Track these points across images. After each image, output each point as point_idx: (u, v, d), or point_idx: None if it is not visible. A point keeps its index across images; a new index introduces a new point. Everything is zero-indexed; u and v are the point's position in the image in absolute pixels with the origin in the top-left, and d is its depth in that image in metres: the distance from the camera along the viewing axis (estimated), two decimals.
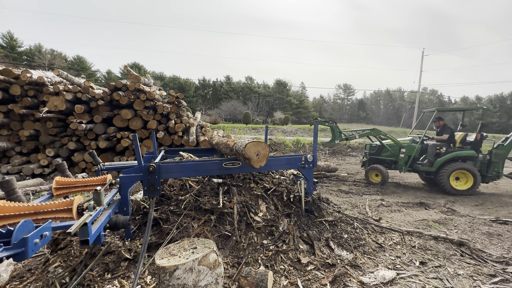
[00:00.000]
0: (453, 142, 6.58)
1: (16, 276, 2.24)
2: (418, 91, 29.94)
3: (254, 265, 2.36)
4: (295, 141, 14.01)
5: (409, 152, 6.81)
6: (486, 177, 6.24)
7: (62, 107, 6.11)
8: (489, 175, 6.20)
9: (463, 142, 6.52)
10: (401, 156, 6.86)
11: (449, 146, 6.57)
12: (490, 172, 6.20)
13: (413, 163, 6.87)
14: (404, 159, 6.82)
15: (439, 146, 6.60)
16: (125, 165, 3.09)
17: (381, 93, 76.44)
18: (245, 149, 2.26)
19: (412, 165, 6.86)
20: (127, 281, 2.06)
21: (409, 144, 6.89)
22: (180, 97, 7.21)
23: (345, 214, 3.61)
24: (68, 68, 37.95)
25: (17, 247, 1.12)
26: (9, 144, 6.21)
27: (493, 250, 3.14)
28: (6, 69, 6.05)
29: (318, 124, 3.21)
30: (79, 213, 1.59)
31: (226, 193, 2.92)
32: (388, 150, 7.02)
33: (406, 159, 6.82)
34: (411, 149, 6.80)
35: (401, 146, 6.90)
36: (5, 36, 35.86)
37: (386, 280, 2.33)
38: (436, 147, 6.59)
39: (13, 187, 2.74)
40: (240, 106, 44.23)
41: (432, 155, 6.52)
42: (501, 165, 6.18)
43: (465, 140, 6.53)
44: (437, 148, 6.58)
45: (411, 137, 7.20)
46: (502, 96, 64.85)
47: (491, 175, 6.21)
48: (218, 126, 21.16)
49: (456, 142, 6.56)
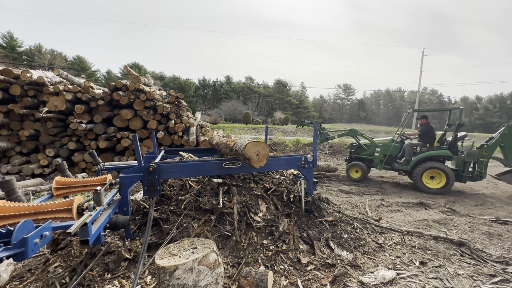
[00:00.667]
0: (430, 141, 6.68)
1: (16, 276, 2.24)
2: (418, 91, 29.94)
3: (254, 265, 2.36)
4: (295, 141, 14.01)
5: (384, 151, 7.11)
6: (462, 176, 6.25)
7: (62, 107, 6.11)
8: (465, 175, 6.21)
9: (440, 142, 6.62)
10: (375, 155, 7.21)
11: (424, 145, 6.69)
12: (466, 172, 6.20)
13: (391, 162, 7.11)
14: (379, 157, 7.16)
15: (416, 146, 6.76)
16: (125, 165, 3.09)
17: (381, 93, 76.46)
18: (245, 149, 2.26)
19: (390, 164, 7.11)
20: (127, 281, 2.06)
21: (386, 144, 7.18)
22: (180, 97, 7.21)
23: (345, 214, 3.61)
24: (68, 68, 37.94)
25: (17, 247, 1.12)
26: (9, 144, 6.21)
27: (493, 250, 3.14)
28: (6, 69, 6.05)
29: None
30: (79, 213, 1.59)
31: (226, 193, 2.92)
32: (366, 149, 7.43)
33: (381, 157, 7.14)
34: (387, 148, 7.08)
35: (376, 145, 7.26)
36: (5, 36, 35.88)
37: (386, 280, 2.33)
38: (412, 146, 6.77)
39: (13, 187, 2.74)
40: (240, 106, 44.23)
41: (409, 154, 6.70)
42: (484, 165, 6.16)
43: (443, 139, 6.62)
44: (413, 147, 6.76)
45: (391, 137, 7.46)
46: (502, 96, 64.88)
47: (467, 175, 6.22)
48: (218, 126, 21.16)
49: (435, 142, 6.66)
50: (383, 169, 7.17)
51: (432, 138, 6.71)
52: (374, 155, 7.25)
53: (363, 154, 7.55)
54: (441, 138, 6.63)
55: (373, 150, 7.34)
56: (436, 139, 6.67)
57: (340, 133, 7.85)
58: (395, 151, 7.07)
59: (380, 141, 7.48)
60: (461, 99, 69.10)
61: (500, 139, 6.15)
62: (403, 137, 7.34)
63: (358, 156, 7.70)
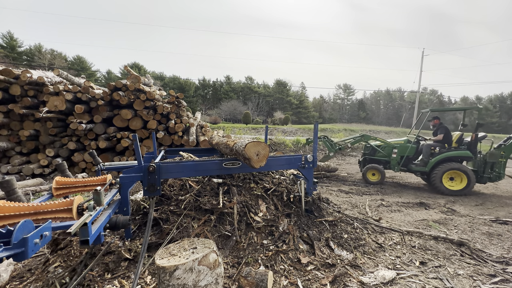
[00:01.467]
0: (449, 142, 6.56)
1: (16, 276, 2.24)
2: (418, 91, 29.94)
3: (254, 265, 2.36)
4: (295, 141, 14.00)
5: (401, 152, 6.93)
6: (482, 177, 6.17)
7: (62, 107, 6.11)
8: (486, 176, 6.13)
9: (459, 142, 6.49)
10: (393, 156, 7.01)
11: (443, 146, 6.56)
12: (487, 172, 6.13)
13: (408, 163, 6.95)
14: (396, 159, 6.97)
15: (434, 146, 6.62)
16: (125, 165, 3.09)
17: (381, 93, 76.45)
18: (245, 149, 2.26)
19: (407, 165, 6.95)
20: (127, 281, 2.06)
21: (402, 145, 7.00)
22: (180, 97, 7.21)
23: (345, 214, 3.61)
24: (68, 68, 37.95)
25: (17, 247, 1.12)
26: (9, 144, 6.21)
27: (493, 250, 3.14)
28: (6, 69, 6.05)
29: (317, 126, 3.21)
30: (79, 213, 1.59)
31: (226, 193, 2.92)
32: (380, 151, 7.23)
33: (398, 159, 6.96)
34: (404, 149, 6.91)
35: (393, 147, 7.05)
36: (5, 36, 35.87)
37: (386, 280, 2.33)
38: (430, 147, 6.62)
39: (13, 187, 2.74)
40: (240, 106, 44.23)
41: (427, 155, 6.56)
42: (502, 165, 6.07)
43: (461, 140, 6.50)
44: (431, 148, 6.62)
45: (406, 138, 7.30)
46: (502, 96, 64.90)
47: (488, 175, 6.14)
48: (218, 126, 21.16)
49: (452, 142, 6.55)
50: (399, 171, 6.98)
51: (450, 139, 6.55)
52: (391, 156, 7.00)
53: (378, 156, 7.27)
54: (459, 138, 6.47)
55: (388, 151, 7.11)
56: (454, 139, 6.53)
57: (352, 141, 7.55)
58: (412, 152, 6.88)
59: (395, 142, 7.27)
60: (461, 99, 69.07)
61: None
62: (421, 138, 7.14)
63: (373, 158, 7.40)
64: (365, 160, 7.57)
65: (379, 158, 7.28)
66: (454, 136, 6.61)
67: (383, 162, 7.28)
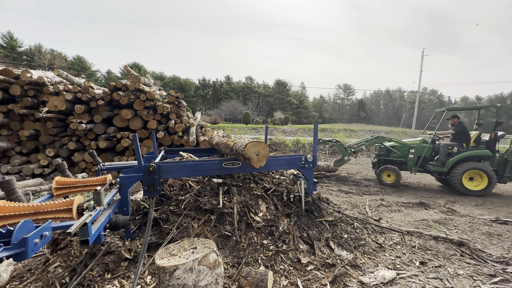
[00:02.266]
0: (466, 141, 6.40)
1: (16, 276, 2.24)
2: (418, 91, 29.93)
3: (254, 265, 2.36)
4: (295, 141, 14.01)
5: (418, 153, 6.73)
6: (503, 177, 6.03)
7: (62, 107, 6.11)
8: (507, 175, 5.98)
9: (477, 141, 6.32)
10: (410, 157, 6.77)
11: (461, 145, 6.39)
12: (508, 172, 5.98)
13: (424, 164, 6.76)
14: (413, 159, 6.75)
15: (451, 146, 6.43)
16: (125, 165, 3.09)
17: (381, 93, 76.46)
18: (245, 149, 2.26)
19: (424, 166, 6.76)
20: (127, 281, 2.06)
21: (419, 145, 6.78)
22: (180, 97, 7.21)
23: (345, 214, 3.61)
24: (68, 68, 37.97)
25: (17, 247, 1.12)
26: (9, 144, 6.21)
27: (493, 250, 3.14)
28: (6, 69, 6.05)
29: (317, 126, 3.21)
30: (79, 213, 1.59)
31: (226, 193, 2.92)
32: (396, 152, 7.00)
33: (415, 159, 6.75)
34: (421, 150, 6.71)
35: (410, 147, 6.83)
36: (5, 36, 35.88)
37: (386, 280, 2.33)
38: (448, 147, 6.43)
39: (13, 187, 2.74)
40: (240, 106, 44.23)
41: (444, 155, 6.39)
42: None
43: (480, 139, 6.34)
44: (449, 148, 6.43)
45: (421, 138, 7.10)
46: (502, 96, 64.89)
47: (509, 175, 5.99)
48: (218, 126, 21.16)
49: (470, 142, 6.39)
50: (417, 171, 6.81)
51: (467, 138, 6.40)
52: (408, 157, 6.79)
53: (394, 157, 7.09)
54: (478, 137, 6.33)
55: (404, 152, 6.92)
56: (472, 138, 6.38)
57: (366, 144, 7.33)
58: (428, 153, 6.70)
59: (410, 142, 7.08)
60: (461, 99, 69.10)
61: None
62: (436, 137, 6.97)
63: (387, 159, 7.21)
64: (379, 162, 7.39)
65: (395, 159, 7.09)
66: (472, 135, 6.45)
67: (398, 163, 7.07)
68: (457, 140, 6.53)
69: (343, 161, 7.42)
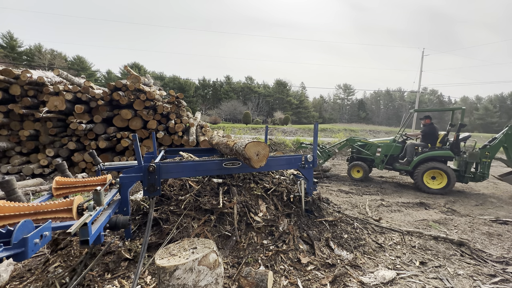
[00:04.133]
0: (432, 142, 6.67)
1: (16, 276, 2.24)
2: (418, 91, 29.92)
3: (254, 265, 2.35)
4: (295, 141, 14.01)
5: (385, 151, 7.16)
6: (464, 177, 6.26)
7: (62, 107, 6.11)
8: (467, 176, 6.21)
9: (443, 142, 6.61)
10: (377, 155, 7.27)
11: (426, 145, 6.69)
12: (468, 172, 6.21)
13: (393, 162, 7.14)
14: (380, 157, 7.22)
15: (417, 146, 6.76)
16: (125, 165, 3.09)
17: (381, 93, 76.45)
18: (245, 149, 2.26)
19: (392, 164, 7.15)
20: (127, 281, 2.06)
21: (387, 144, 7.23)
22: (180, 97, 7.21)
23: (345, 214, 3.61)
24: (68, 68, 37.98)
25: (17, 247, 1.12)
26: (9, 144, 6.20)
27: (493, 250, 3.14)
28: (6, 69, 6.05)
29: (317, 126, 3.21)
30: (79, 213, 1.59)
31: (226, 193, 2.92)
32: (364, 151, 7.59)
33: (382, 157, 7.19)
34: (388, 148, 7.13)
35: (377, 146, 7.34)
36: (5, 36, 35.87)
37: (386, 280, 2.33)
38: (414, 147, 6.76)
39: (13, 187, 2.74)
40: (240, 106, 44.22)
41: (411, 155, 6.71)
42: (486, 165, 6.15)
43: (445, 140, 6.62)
44: (415, 147, 6.76)
45: (393, 137, 7.49)
46: (502, 96, 64.89)
47: (469, 175, 6.22)
48: (218, 126, 21.16)
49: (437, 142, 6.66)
50: (384, 169, 7.21)
51: (434, 139, 6.67)
52: (375, 155, 7.29)
53: (364, 154, 7.61)
54: (443, 138, 6.60)
55: (374, 150, 7.40)
56: (439, 139, 6.64)
57: (339, 146, 8.02)
58: (397, 151, 7.10)
59: (381, 141, 7.53)
60: (461, 99, 69.12)
61: (503, 139, 6.12)
62: (405, 137, 7.34)
63: (359, 156, 7.76)
64: (352, 159, 7.99)
65: (365, 157, 7.61)
66: (440, 136, 6.71)
67: (369, 160, 7.60)
68: (425, 140, 6.81)
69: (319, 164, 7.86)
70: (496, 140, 6.24)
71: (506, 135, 6.11)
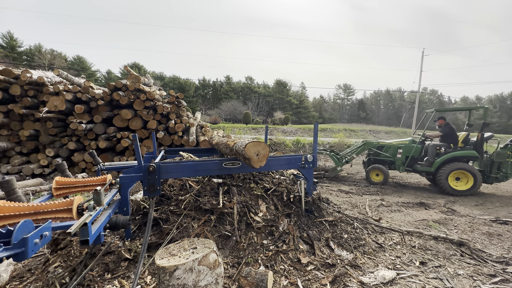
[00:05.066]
0: (454, 142, 6.51)
1: (16, 276, 2.24)
2: (418, 91, 29.91)
3: (254, 265, 2.35)
4: (295, 141, 14.01)
5: (406, 153, 6.91)
6: (489, 177, 6.13)
7: (62, 107, 6.11)
8: (492, 176, 6.09)
9: (465, 142, 6.44)
10: (398, 156, 6.99)
11: (449, 146, 6.52)
12: (493, 172, 6.08)
13: (413, 163, 6.90)
14: (401, 159, 6.95)
15: (439, 147, 6.57)
16: (125, 165, 3.09)
17: (381, 93, 76.43)
18: (245, 149, 2.26)
19: (412, 165, 6.91)
20: (127, 281, 2.06)
21: (407, 145, 6.98)
22: (180, 97, 7.21)
23: (345, 214, 3.61)
24: (68, 68, 37.98)
25: (17, 247, 1.12)
26: (9, 144, 6.20)
27: (493, 250, 3.14)
28: (6, 69, 6.05)
29: (317, 126, 3.21)
30: (79, 213, 1.59)
31: (226, 193, 2.92)
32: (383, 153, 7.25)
33: (403, 159, 6.94)
34: (409, 149, 6.89)
35: (398, 147, 7.03)
36: (5, 36, 35.88)
37: (386, 280, 2.33)
38: (436, 147, 6.57)
39: (13, 187, 2.74)
40: (240, 106, 44.22)
41: (432, 156, 6.52)
42: (509, 165, 6.01)
43: (467, 140, 6.46)
44: (437, 148, 6.57)
45: (411, 138, 7.26)
46: (502, 96, 64.88)
47: (495, 175, 6.09)
48: (218, 126, 21.16)
49: (458, 142, 6.50)
50: (405, 171, 6.97)
51: (455, 139, 6.52)
52: (396, 156, 7.00)
53: (383, 157, 7.29)
54: (466, 138, 6.44)
55: (393, 152, 7.12)
56: (460, 139, 6.50)
57: (357, 151, 7.55)
58: (417, 153, 6.87)
59: (400, 142, 7.27)
60: (461, 99, 69.10)
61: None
62: (424, 138, 7.11)
63: (377, 159, 7.43)
64: (369, 161, 7.59)
65: (383, 159, 7.29)
66: (460, 136, 6.55)
67: (387, 162, 7.27)
68: (445, 141, 6.65)
69: (336, 171, 7.56)
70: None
71: None
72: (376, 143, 7.53)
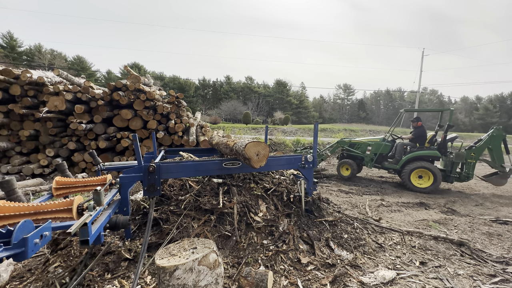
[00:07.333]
0: (421, 142, 6.80)
1: (16, 276, 2.24)
2: (418, 91, 29.92)
3: (254, 265, 2.35)
4: (295, 141, 14.01)
5: (375, 150, 7.27)
6: (449, 177, 6.37)
7: (62, 107, 6.11)
8: (453, 175, 6.33)
9: (431, 142, 6.74)
10: (367, 153, 7.40)
11: (415, 145, 6.81)
12: (454, 172, 6.32)
13: (382, 160, 7.27)
14: (370, 156, 7.33)
15: (406, 145, 6.90)
16: (125, 165, 3.09)
17: (381, 93, 76.41)
18: (245, 149, 2.26)
19: (381, 162, 7.27)
20: (127, 281, 2.06)
21: (377, 143, 7.35)
22: (180, 97, 7.21)
23: (345, 214, 3.61)
24: (68, 68, 37.97)
25: (17, 247, 1.12)
26: (9, 144, 6.20)
27: (493, 250, 3.14)
28: (6, 69, 6.05)
29: (317, 126, 3.21)
30: (79, 213, 1.59)
31: (226, 193, 2.92)
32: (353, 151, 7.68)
33: (372, 156, 7.29)
34: (378, 147, 7.23)
35: (368, 144, 7.47)
36: (5, 36, 35.89)
37: (386, 280, 2.33)
38: (403, 146, 6.90)
39: (13, 187, 2.74)
40: (240, 106, 44.20)
41: (400, 154, 6.86)
42: (471, 166, 6.26)
43: (433, 140, 6.76)
44: (404, 147, 6.90)
45: (382, 136, 7.63)
46: (502, 96, 64.83)
47: (455, 175, 6.34)
48: (218, 126, 21.16)
49: (425, 142, 6.79)
50: (373, 167, 7.36)
51: (423, 139, 6.83)
52: (365, 153, 7.41)
53: (354, 153, 7.73)
54: (432, 138, 6.76)
55: (363, 148, 7.52)
56: (427, 139, 6.80)
57: (331, 149, 8.08)
58: (386, 150, 7.23)
59: (371, 140, 7.67)
60: (461, 99, 69.12)
61: (488, 141, 6.25)
62: (394, 136, 7.51)
63: (350, 155, 7.87)
64: (342, 156, 8.14)
65: (355, 154, 7.72)
66: (428, 136, 6.85)
67: (359, 158, 7.69)
68: (413, 140, 6.97)
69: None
70: (481, 141, 6.36)
71: (491, 137, 6.24)
72: (348, 141, 7.99)
